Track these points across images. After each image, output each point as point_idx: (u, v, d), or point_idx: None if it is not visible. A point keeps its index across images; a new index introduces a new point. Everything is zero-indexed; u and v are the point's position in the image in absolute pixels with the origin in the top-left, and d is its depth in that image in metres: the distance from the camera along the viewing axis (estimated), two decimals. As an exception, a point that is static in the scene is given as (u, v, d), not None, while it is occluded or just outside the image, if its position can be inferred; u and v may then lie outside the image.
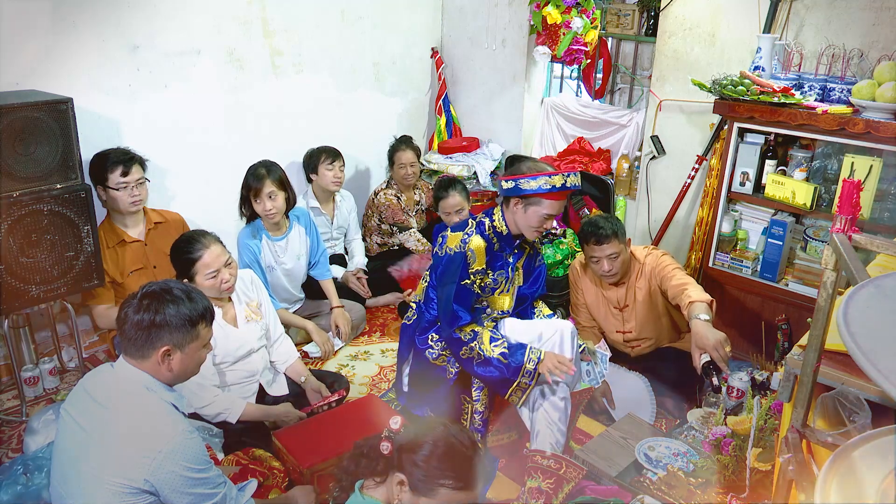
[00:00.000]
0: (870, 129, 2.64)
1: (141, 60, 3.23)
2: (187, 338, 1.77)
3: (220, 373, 2.54)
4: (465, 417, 2.53)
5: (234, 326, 2.58)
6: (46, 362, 3.02)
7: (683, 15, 3.50)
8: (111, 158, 2.90)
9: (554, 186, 2.36)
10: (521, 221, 2.48)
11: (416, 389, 2.67)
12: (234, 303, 2.63)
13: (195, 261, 2.45)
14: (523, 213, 2.45)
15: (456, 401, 2.55)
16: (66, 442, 1.73)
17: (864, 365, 0.83)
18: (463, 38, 4.55)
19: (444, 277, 2.49)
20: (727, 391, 2.78)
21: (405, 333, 2.73)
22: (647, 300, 2.95)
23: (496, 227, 2.53)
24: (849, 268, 1.19)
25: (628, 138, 4.13)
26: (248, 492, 1.92)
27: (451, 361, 2.57)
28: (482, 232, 2.51)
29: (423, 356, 2.60)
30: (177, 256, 2.50)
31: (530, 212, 2.43)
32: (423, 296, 2.66)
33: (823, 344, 1.35)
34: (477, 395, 2.51)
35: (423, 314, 2.64)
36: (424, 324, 2.61)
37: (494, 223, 2.53)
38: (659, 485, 2.33)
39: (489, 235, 2.52)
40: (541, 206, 2.41)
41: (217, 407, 2.43)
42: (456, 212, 3.45)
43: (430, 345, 2.60)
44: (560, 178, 2.36)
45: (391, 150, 4.08)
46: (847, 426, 1.43)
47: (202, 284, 2.46)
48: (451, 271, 2.47)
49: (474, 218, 2.58)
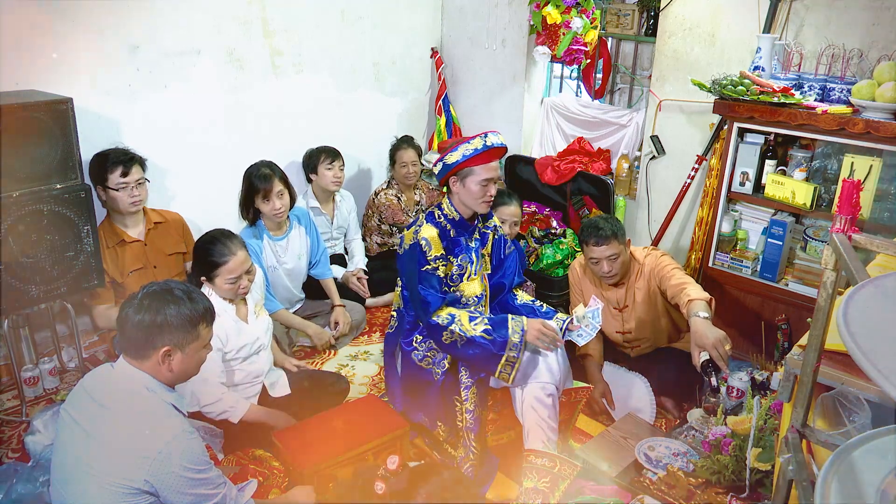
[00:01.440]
0: (870, 129, 2.64)
1: (141, 60, 3.23)
2: (188, 338, 1.77)
3: (228, 372, 2.55)
4: (459, 419, 2.53)
5: (245, 322, 2.60)
6: (46, 362, 3.02)
7: (683, 15, 3.50)
8: (111, 158, 2.89)
9: (476, 149, 2.41)
10: (466, 198, 2.51)
11: (408, 396, 2.67)
12: (245, 300, 2.64)
13: (222, 264, 2.47)
14: (463, 188, 2.49)
15: (448, 403, 2.55)
16: (66, 442, 1.73)
17: (864, 365, 0.83)
18: (463, 38, 4.55)
19: (406, 271, 2.53)
20: (727, 391, 2.78)
21: (389, 343, 2.74)
22: (647, 300, 2.94)
23: (447, 215, 2.57)
24: (849, 268, 1.19)
25: (628, 138, 4.13)
26: (249, 492, 1.92)
27: (436, 362, 2.57)
28: (432, 220, 2.55)
29: (410, 360, 2.60)
30: (203, 256, 2.50)
31: (468, 183, 2.47)
32: (401, 301, 2.66)
33: (823, 344, 1.35)
34: (465, 394, 2.51)
35: (403, 318, 2.65)
36: (406, 326, 2.63)
37: (444, 210, 2.57)
38: (659, 485, 2.33)
39: (441, 223, 2.56)
40: (474, 174, 2.45)
41: (222, 405, 2.44)
42: (513, 223, 3.25)
43: (414, 346, 2.60)
44: (479, 140, 2.42)
45: (393, 148, 4.08)
46: (847, 426, 1.43)
47: (220, 286, 2.49)
48: (410, 263, 2.50)
49: (423, 213, 2.64)
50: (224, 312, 2.51)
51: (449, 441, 2.57)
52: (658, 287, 2.90)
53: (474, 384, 2.52)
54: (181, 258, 3.20)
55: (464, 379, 2.52)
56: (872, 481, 1.06)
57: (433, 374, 2.57)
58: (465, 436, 2.50)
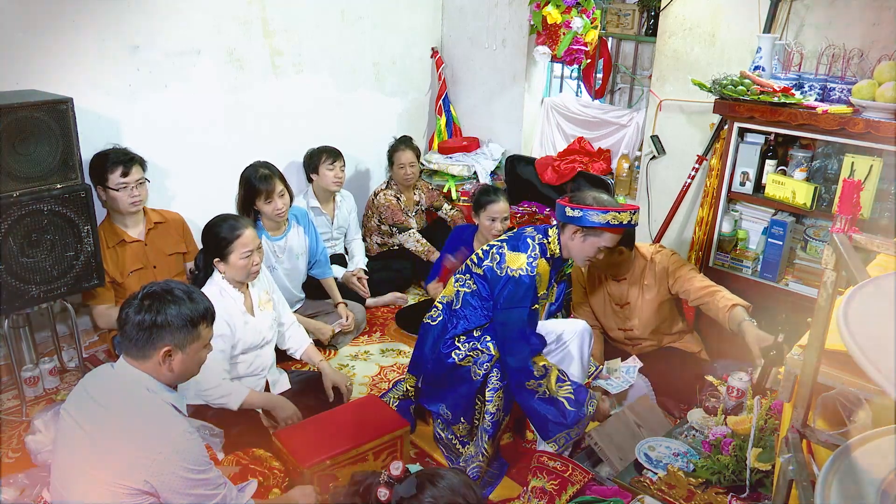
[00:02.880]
0: (870, 129, 2.64)
1: (141, 60, 3.23)
2: (188, 338, 1.77)
3: (233, 364, 2.56)
4: (476, 417, 2.53)
5: (251, 315, 2.60)
6: (46, 362, 3.02)
7: (683, 15, 3.50)
8: (111, 159, 2.89)
9: (621, 223, 2.39)
10: (576, 249, 2.49)
11: (432, 385, 2.65)
12: (250, 291, 2.65)
13: (234, 238, 2.47)
14: (581, 242, 2.46)
15: (472, 398, 2.54)
16: (66, 442, 1.73)
17: (864, 365, 0.83)
18: (463, 38, 4.55)
19: (513, 301, 2.43)
20: (727, 391, 2.78)
21: (428, 334, 2.65)
22: (655, 299, 2.96)
23: (552, 250, 2.52)
24: (849, 268, 1.19)
25: (628, 138, 4.13)
26: (248, 492, 1.92)
27: (477, 362, 2.51)
28: (545, 253, 2.50)
29: (445, 358, 2.56)
30: (214, 236, 2.50)
31: (589, 242, 2.45)
32: (459, 300, 2.59)
33: (823, 344, 1.35)
34: (491, 395, 2.48)
35: (456, 320, 2.57)
36: (459, 331, 2.54)
37: (550, 243, 2.52)
38: (659, 485, 2.33)
39: (548, 258, 2.51)
40: (601, 237, 2.44)
41: (220, 390, 2.44)
42: (503, 219, 3.32)
43: (456, 346, 2.55)
44: (627, 216, 2.41)
45: (391, 150, 4.08)
46: (847, 426, 1.43)
47: (235, 263, 2.49)
48: (520, 295, 2.41)
49: (531, 237, 2.51)
50: (233, 302, 2.51)
51: (463, 437, 2.56)
52: (671, 288, 2.92)
53: (503, 388, 2.49)
54: (181, 258, 3.20)
55: (493, 381, 2.49)
56: (872, 481, 1.06)
57: (472, 372, 2.52)
58: (480, 436, 2.50)
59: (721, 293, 2.71)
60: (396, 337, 3.62)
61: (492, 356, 2.49)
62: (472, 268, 2.60)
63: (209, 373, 2.40)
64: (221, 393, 2.44)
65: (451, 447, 2.58)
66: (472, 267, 2.60)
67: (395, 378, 3.21)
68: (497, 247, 2.54)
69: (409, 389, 2.77)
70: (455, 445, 2.58)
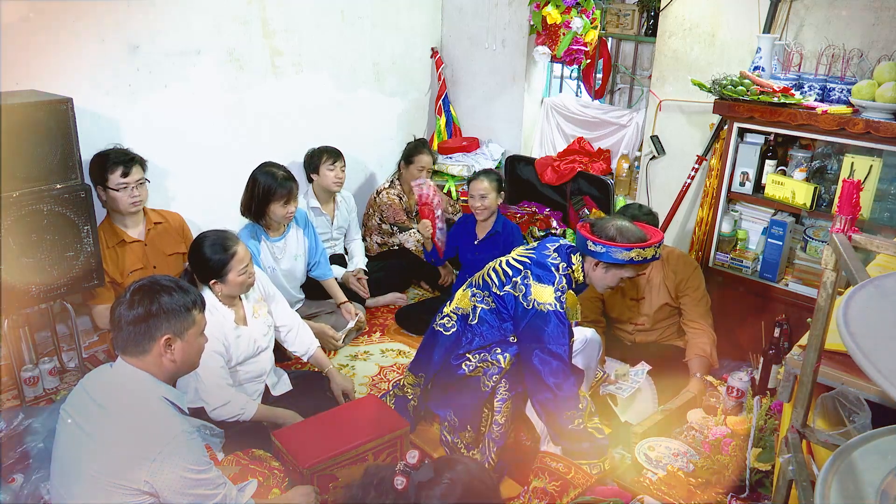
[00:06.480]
0: (870, 129, 2.64)
1: (141, 60, 3.23)
2: (185, 324, 1.78)
3: (232, 373, 2.56)
4: (483, 425, 2.52)
5: (244, 325, 2.59)
6: (46, 362, 3.02)
7: (683, 15, 3.50)
8: (111, 159, 2.89)
9: (645, 259, 2.40)
10: (598, 279, 2.51)
11: (440, 390, 2.63)
12: (242, 302, 2.64)
13: (231, 258, 2.47)
14: (604, 273, 2.48)
15: (480, 408, 2.53)
16: (66, 443, 1.73)
17: (864, 365, 0.83)
18: (463, 38, 4.55)
19: (552, 337, 2.38)
20: (727, 391, 2.78)
21: (439, 342, 2.60)
22: (665, 296, 3.01)
23: (577, 278, 2.53)
24: (849, 268, 1.19)
25: (628, 138, 4.13)
26: (248, 492, 1.92)
27: (487, 374, 2.48)
28: (570, 283, 2.50)
29: (456, 370, 2.54)
30: (206, 260, 2.46)
31: (611, 273, 2.47)
32: (475, 316, 2.54)
33: (823, 344, 1.35)
34: (499, 406, 2.47)
35: (471, 335, 2.53)
36: (473, 348, 2.51)
37: (574, 274, 2.52)
38: (659, 485, 2.33)
39: (573, 288, 2.53)
40: (623, 269, 2.45)
41: (233, 407, 2.46)
42: (480, 196, 3.43)
43: (467, 357, 2.52)
44: (651, 251, 2.41)
45: (410, 148, 4.07)
46: (847, 426, 1.43)
47: (234, 281, 2.48)
48: (556, 334, 2.38)
49: (555, 267, 2.47)
50: (223, 318, 2.51)
51: (468, 444, 2.55)
52: (676, 292, 3.00)
53: (511, 398, 2.48)
54: (181, 258, 3.19)
55: (501, 391, 2.47)
56: (872, 481, 1.06)
57: (482, 384, 2.49)
58: (487, 444, 2.49)
59: (701, 339, 2.90)
60: (396, 337, 3.62)
61: (501, 369, 2.47)
62: (490, 286, 2.55)
63: (218, 391, 2.43)
64: (235, 411, 2.46)
65: (457, 451, 2.59)
66: (490, 285, 2.55)
67: (395, 378, 3.21)
68: (522, 274, 2.47)
69: (407, 387, 2.76)
70: (460, 450, 2.57)
